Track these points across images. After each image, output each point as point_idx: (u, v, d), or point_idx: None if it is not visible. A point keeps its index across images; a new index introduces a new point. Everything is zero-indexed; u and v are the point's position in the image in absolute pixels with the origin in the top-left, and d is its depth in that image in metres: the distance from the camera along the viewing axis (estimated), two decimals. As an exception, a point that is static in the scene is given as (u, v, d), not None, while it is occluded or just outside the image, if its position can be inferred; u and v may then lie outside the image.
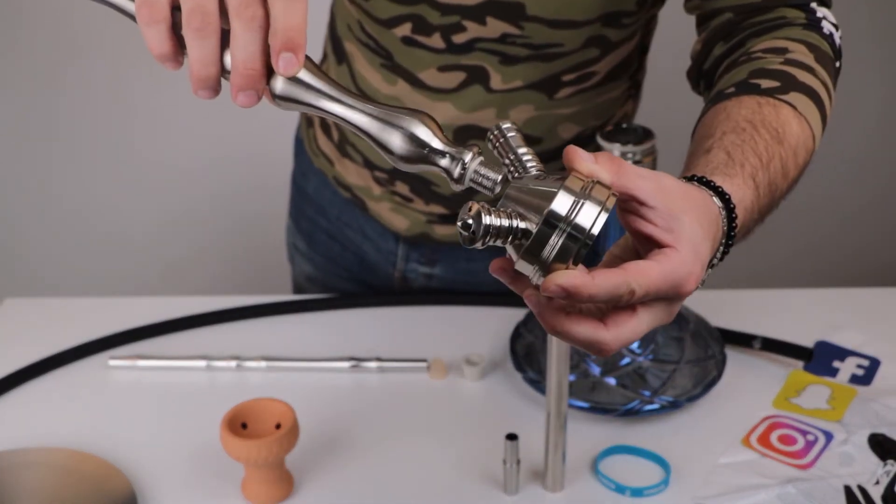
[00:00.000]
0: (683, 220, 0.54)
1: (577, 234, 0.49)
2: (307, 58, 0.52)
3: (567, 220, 0.49)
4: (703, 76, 0.79)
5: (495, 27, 0.84)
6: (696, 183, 0.59)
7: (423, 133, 0.52)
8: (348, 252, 1.10)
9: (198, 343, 0.97)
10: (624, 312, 0.54)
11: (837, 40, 0.76)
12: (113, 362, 0.93)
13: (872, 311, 1.01)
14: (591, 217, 0.49)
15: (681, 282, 0.54)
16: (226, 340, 0.97)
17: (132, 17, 0.54)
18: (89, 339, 0.96)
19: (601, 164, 0.52)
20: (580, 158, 0.52)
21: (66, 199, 2.23)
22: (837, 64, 0.76)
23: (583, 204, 0.49)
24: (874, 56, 2.13)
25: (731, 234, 0.59)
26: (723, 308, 0.97)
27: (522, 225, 0.50)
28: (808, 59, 0.72)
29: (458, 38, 0.86)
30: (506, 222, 0.50)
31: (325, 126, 1.06)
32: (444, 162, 0.53)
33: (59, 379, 0.93)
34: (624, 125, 0.81)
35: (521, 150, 0.54)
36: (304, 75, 0.53)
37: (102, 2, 0.56)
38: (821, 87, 0.72)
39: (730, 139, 0.64)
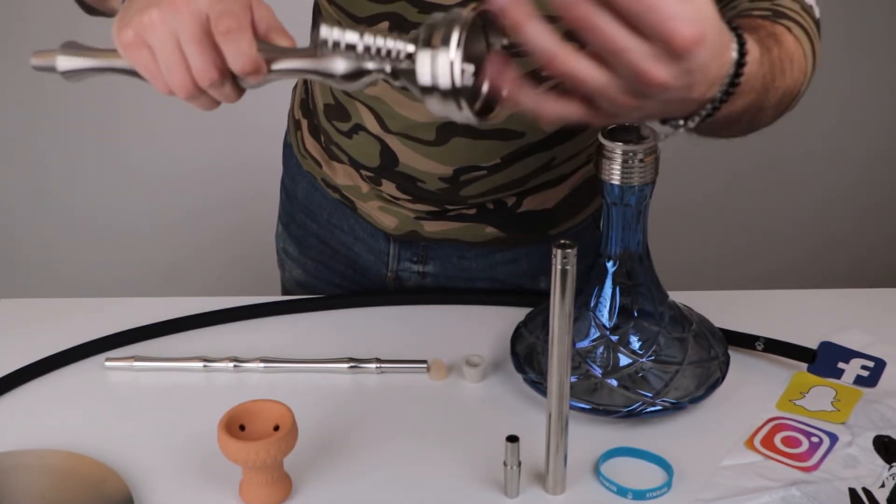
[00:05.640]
0: None
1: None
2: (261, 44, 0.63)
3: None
4: None
5: None
6: None
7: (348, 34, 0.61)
8: (340, 255, 1.09)
9: (195, 344, 0.96)
10: None
11: (817, 12, 0.77)
12: (109, 364, 0.93)
13: (877, 313, 1.00)
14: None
15: (673, 20, 0.53)
16: (223, 341, 0.97)
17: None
18: (85, 340, 0.95)
19: None
20: None
21: (63, 202, 2.23)
22: (819, 32, 0.77)
23: (447, 15, 0.58)
24: (885, 58, 2.12)
25: (738, 73, 0.60)
26: (726, 309, 0.96)
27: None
28: (795, 6, 0.74)
29: None
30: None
31: (313, 128, 1.05)
32: (373, 64, 0.61)
33: (55, 381, 0.92)
34: (626, 124, 0.80)
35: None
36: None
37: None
38: (810, 29, 0.73)
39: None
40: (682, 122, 0.64)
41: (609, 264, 0.84)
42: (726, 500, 0.75)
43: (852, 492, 0.76)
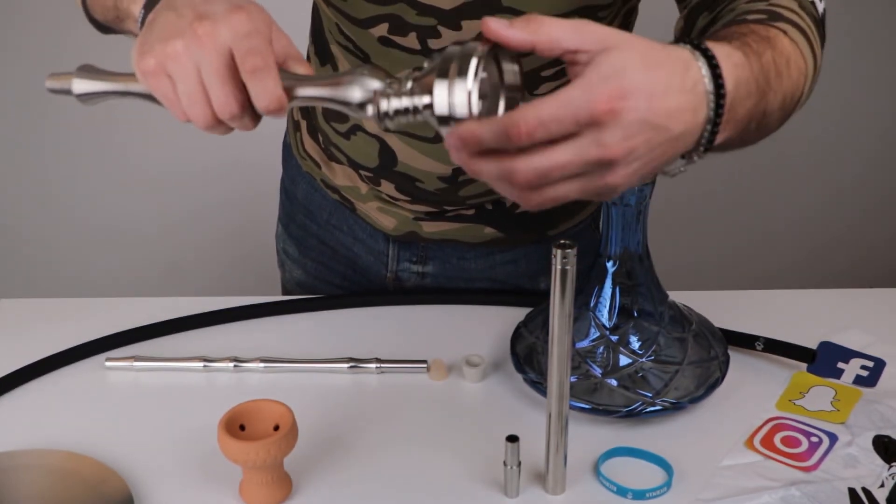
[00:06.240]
0: (609, 53, 0.55)
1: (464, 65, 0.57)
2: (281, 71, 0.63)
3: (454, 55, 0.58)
4: None
5: (471, 29, 0.84)
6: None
7: (370, 80, 0.62)
8: (340, 256, 1.10)
9: (195, 344, 0.96)
10: (540, 146, 0.55)
11: (820, 8, 0.76)
12: (109, 364, 0.93)
13: (877, 313, 1.00)
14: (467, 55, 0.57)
15: (586, 105, 0.53)
16: (223, 341, 0.97)
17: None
18: (86, 340, 0.95)
19: (515, 25, 0.57)
20: (488, 23, 0.57)
21: (63, 202, 2.22)
22: (822, 30, 0.76)
23: (464, 48, 0.58)
24: (885, 58, 2.12)
25: (719, 84, 0.59)
26: (726, 309, 0.97)
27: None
28: (793, 5, 0.73)
29: (434, 44, 0.85)
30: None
31: (312, 129, 1.05)
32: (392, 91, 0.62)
33: (55, 380, 0.92)
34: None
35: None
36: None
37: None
38: (808, 29, 0.71)
39: (712, 36, 0.65)
40: (692, 155, 0.62)
41: (609, 264, 0.84)
42: (726, 500, 0.75)
43: (852, 492, 0.76)
